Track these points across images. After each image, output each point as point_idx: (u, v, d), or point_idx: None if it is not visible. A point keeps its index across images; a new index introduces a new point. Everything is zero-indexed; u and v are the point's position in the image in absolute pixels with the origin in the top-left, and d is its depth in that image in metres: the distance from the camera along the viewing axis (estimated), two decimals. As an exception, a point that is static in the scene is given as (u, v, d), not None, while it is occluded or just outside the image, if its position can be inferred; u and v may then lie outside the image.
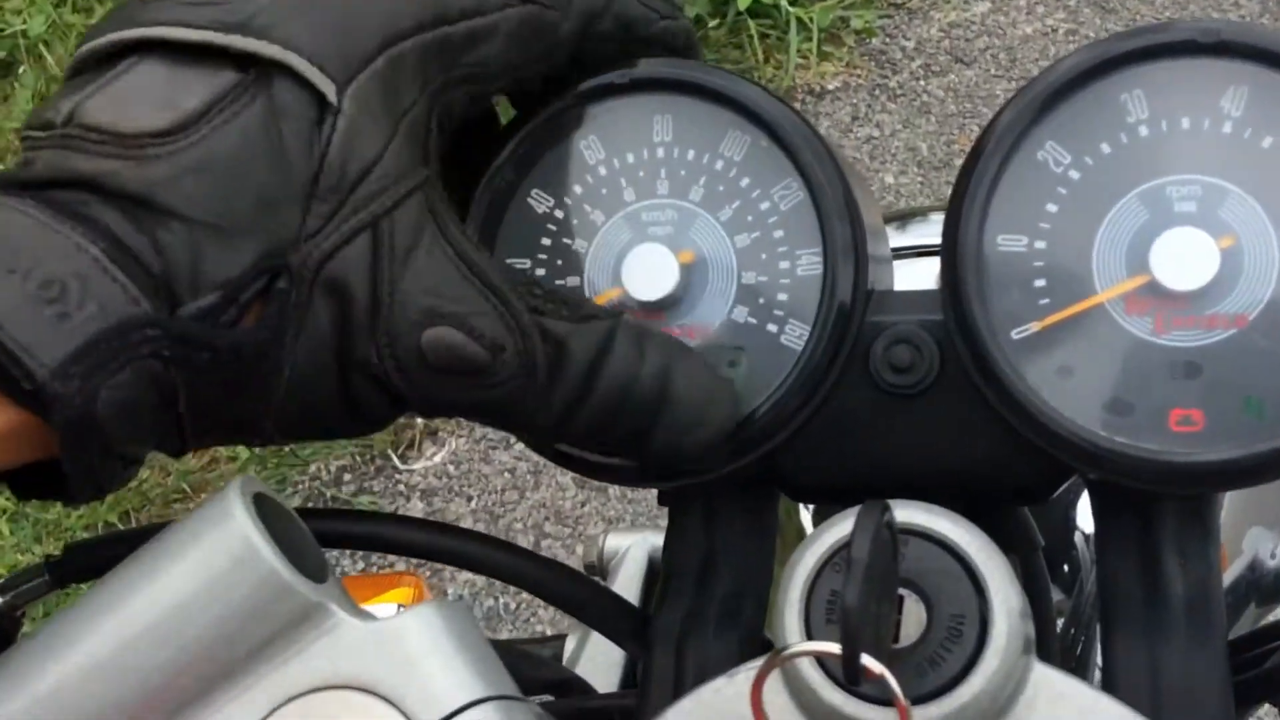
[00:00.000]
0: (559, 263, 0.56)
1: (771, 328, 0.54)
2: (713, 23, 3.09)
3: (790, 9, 3.08)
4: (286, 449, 2.53)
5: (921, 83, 3.14)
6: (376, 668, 0.45)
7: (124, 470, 0.45)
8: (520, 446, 2.40)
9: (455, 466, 2.57)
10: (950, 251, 0.51)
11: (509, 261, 0.57)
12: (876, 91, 3.12)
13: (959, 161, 2.90)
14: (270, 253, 0.43)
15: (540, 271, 0.56)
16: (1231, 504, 0.94)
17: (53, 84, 2.89)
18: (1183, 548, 0.53)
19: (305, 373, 0.46)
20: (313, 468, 2.55)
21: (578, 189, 0.56)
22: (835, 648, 0.39)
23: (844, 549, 0.48)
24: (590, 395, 0.48)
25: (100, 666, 0.45)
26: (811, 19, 3.10)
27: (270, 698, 0.45)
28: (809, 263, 0.53)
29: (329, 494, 2.49)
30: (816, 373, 0.52)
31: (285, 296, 0.44)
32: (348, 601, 0.47)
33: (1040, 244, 0.51)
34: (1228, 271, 0.48)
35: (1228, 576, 0.88)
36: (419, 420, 2.63)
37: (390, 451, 2.60)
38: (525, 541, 2.39)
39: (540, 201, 0.56)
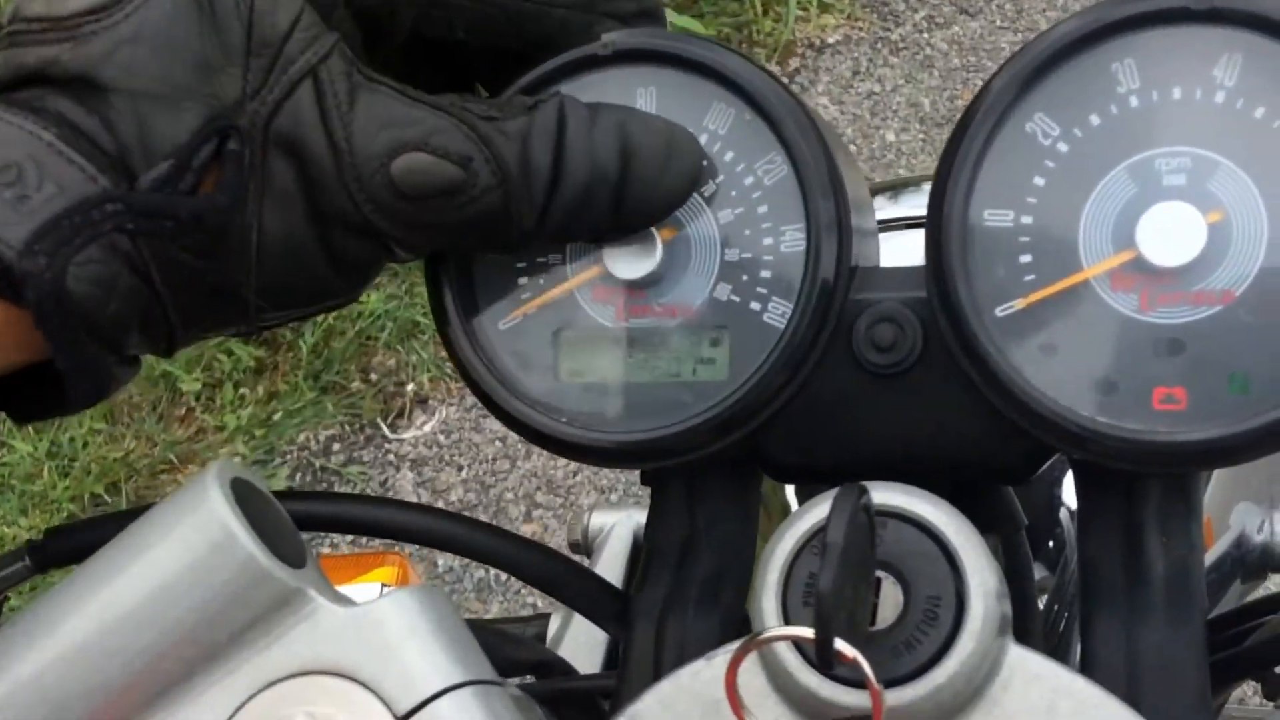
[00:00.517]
0: (539, 239, 0.57)
1: (755, 305, 0.55)
2: (709, -25, 3.08)
3: (789, -40, 3.06)
4: (264, 428, 2.54)
5: (925, 35, 3.13)
6: (354, 653, 0.46)
7: (120, 369, 0.47)
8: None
9: (446, 435, 2.58)
10: (935, 227, 0.51)
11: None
12: (878, 45, 3.11)
13: (962, 119, 2.88)
14: (215, 115, 0.45)
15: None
16: (1219, 479, 0.95)
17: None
18: (1165, 526, 0.54)
19: (277, 234, 0.48)
20: (301, 437, 2.56)
21: None
22: (809, 632, 0.40)
23: (822, 532, 0.49)
24: (562, 178, 0.49)
25: (82, 650, 0.46)
26: (811, -30, 3.09)
27: (250, 682, 0.47)
28: (792, 239, 0.54)
29: (318, 464, 2.51)
30: (799, 352, 0.53)
31: (239, 158, 0.46)
32: (326, 586, 0.48)
33: (1026, 219, 0.52)
34: (1215, 246, 0.49)
35: (1214, 552, 0.89)
36: (408, 387, 2.64)
37: (380, 420, 2.61)
38: (517, 511, 2.41)
39: None
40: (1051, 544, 0.88)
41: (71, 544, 0.57)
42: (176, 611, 0.46)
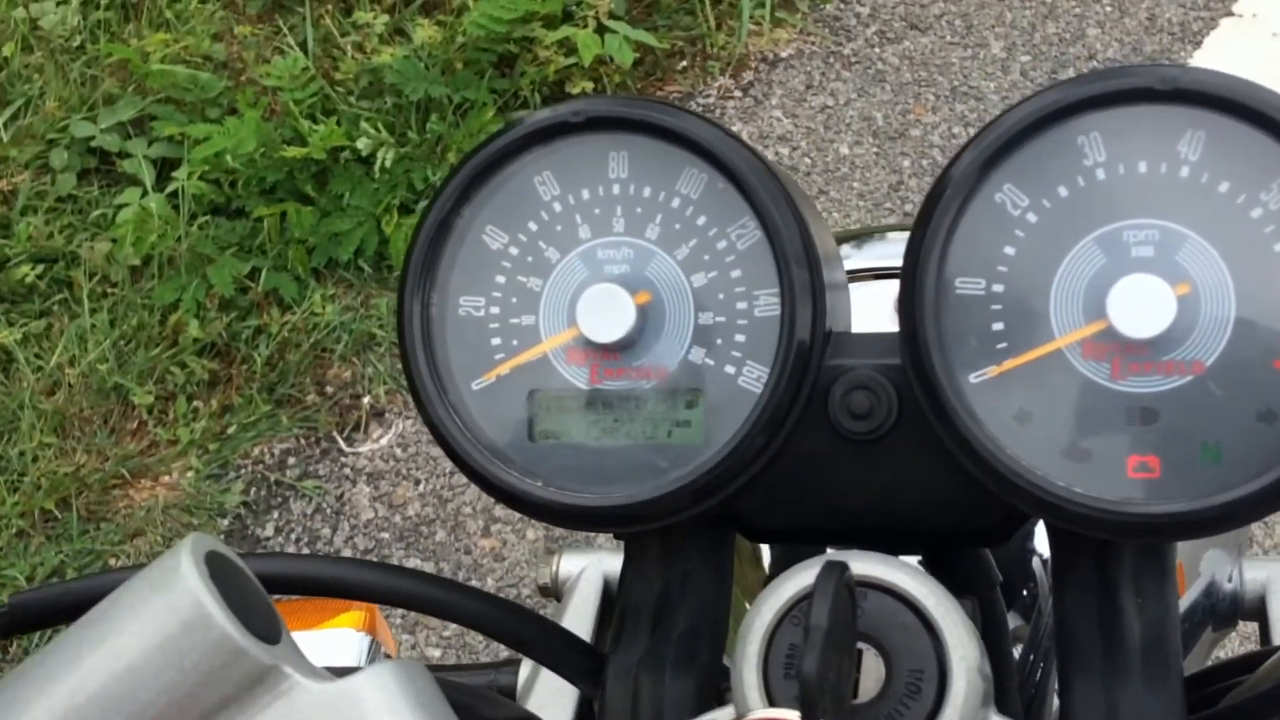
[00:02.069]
0: (513, 300, 0.56)
1: (729, 369, 0.54)
2: (664, -12, 3.08)
3: (743, -26, 3.07)
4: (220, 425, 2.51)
5: (876, 50, 3.15)
6: (332, 732, 0.45)
7: None
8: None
9: (403, 449, 2.56)
10: (908, 296, 0.51)
11: (462, 299, 0.57)
12: (831, 59, 3.13)
13: (915, 131, 2.92)
14: None
15: (494, 309, 0.56)
16: None
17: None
18: (1139, 587, 0.54)
19: None
20: (256, 451, 2.53)
21: (532, 226, 0.56)
22: (794, 715, 0.40)
23: (802, 601, 0.48)
24: None
25: None
26: (765, -16, 3.09)
27: (224, 762, 0.46)
28: (767, 303, 0.54)
29: (273, 478, 2.48)
30: (776, 416, 0.53)
31: None
32: (302, 661, 0.47)
33: (998, 287, 0.52)
34: (1184, 318, 0.49)
35: (1185, 600, 0.90)
36: (364, 400, 2.62)
37: (336, 434, 2.59)
38: (475, 526, 2.39)
39: (494, 238, 0.57)
40: (1025, 593, 0.88)
41: (36, 605, 0.56)
42: (149, 692, 0.45)
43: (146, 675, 0.45)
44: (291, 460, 2.53)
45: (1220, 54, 3.03)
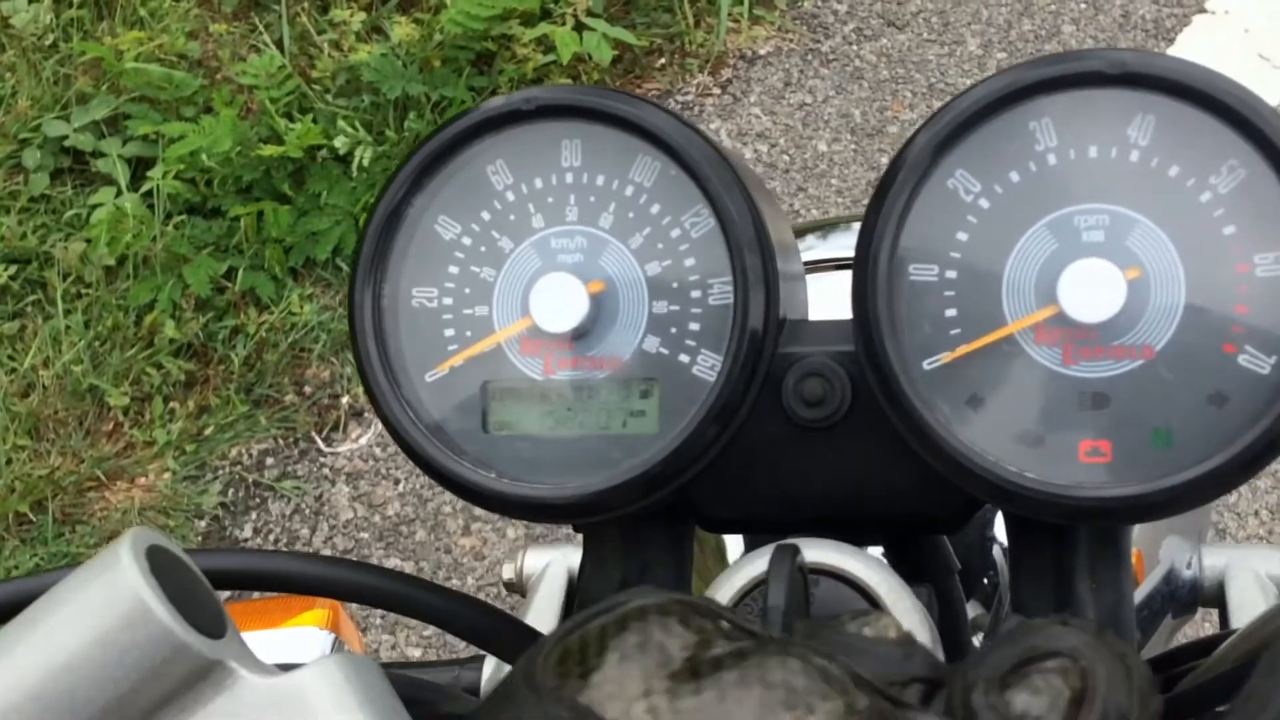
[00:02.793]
0: (466, 291, 0.56)
1: (684, 358, 0.54)
2: (642, -15, 3.07)
3: (721, -29, 3.06)
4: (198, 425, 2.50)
5: (854, 47, 3.15)
6: (277, 725, 0.45)
7: None
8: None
9: (382, 449, 2.55)
10: (861, 283, 0.51)
11: (415, 291, 0.56)
12: (809, 56, 3.13)
13: (892, 128, 2.92)
14: None
15: (447, 300, 0.56)
16: None
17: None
18: (1095, 573, 0.54)
19: None
20: (234, 452, 2.52)
21: (485, 215, 0.56)
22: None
23: (757, 588, 0.48)
24: None
25: None
26: (742, -19, 3.09)
27: (167, 759, 0.45)
28: (720, 291, 0.54)
29: (251, 479, 2.47)
30: (729, 404, 0.52)
31: None
32: (247, 656, 0.47)
33: (951, 273, 0.51)
34: (1134, 303, 0.49)
35: (1144, 588, 0.89)
36: (343, 399, 2.61)
37: (314, 434, 2.58)
38: (455, 525, 2.39)
39: (447, 228, 0.56)
40: (986, 581, 0.88)
41: None
42: (87, 691, 0.44)
43: (85, 672, 0.44)
44: (270, 461, 2.52)
45: (1193, 50, 3.03)
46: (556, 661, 0.31)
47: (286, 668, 0.47)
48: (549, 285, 0.54)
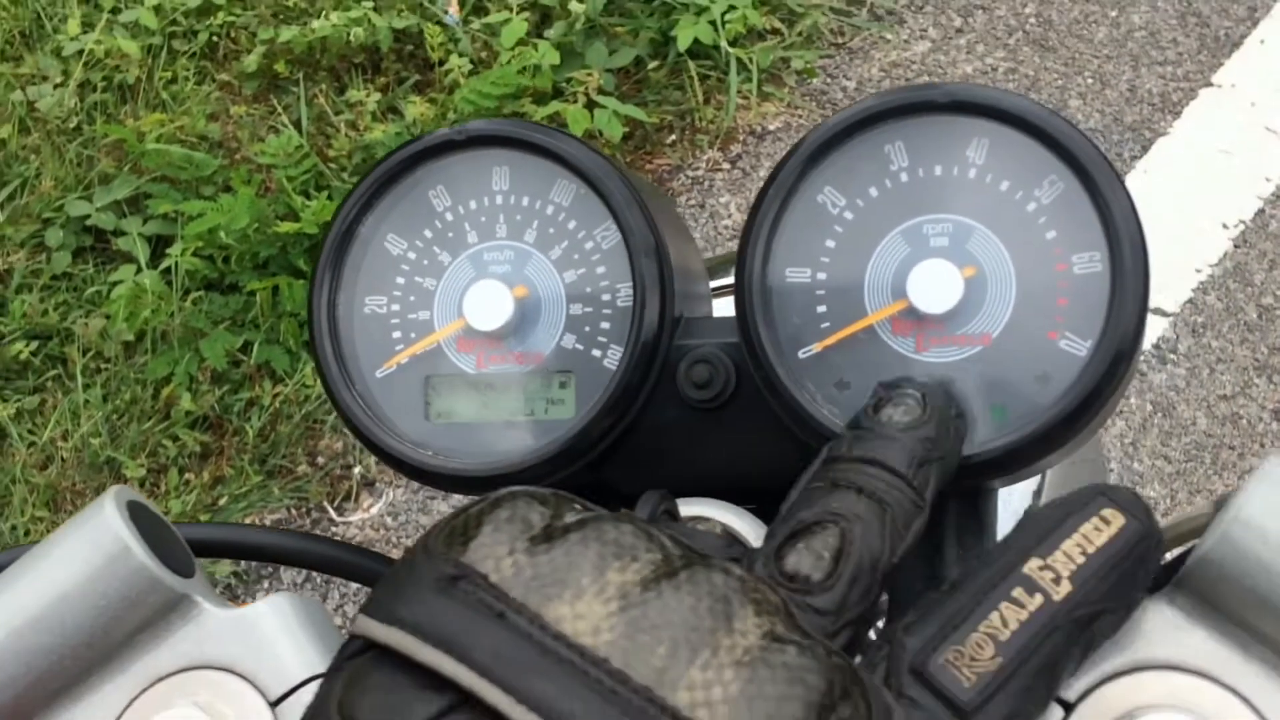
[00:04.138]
0: (411, 299, 0.67)
1: (596, 353, 0.64)
2: (653, 64, 3.22)
3: (730, 50, 3.21)
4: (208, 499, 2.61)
5: (864, 122, 3.27)
6: (234, 649, 0.55)
7: None
8: (457, 499, 2.49)
9: (393, 518, 2.65)
10: (739, 283, 0.61)
11: (368, 299, 0.67)
12: (818, 132, 3.25)
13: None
14: None
15: (395, 307, 0.67)
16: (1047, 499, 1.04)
17: (-21, 135, 2.99)
18: (961, 539, 0.63)
19: None
20: (247, 521, 2.63)
21: (427, 233, 0.67)
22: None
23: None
24: None
25: None
26: (752, 59, 3.23)
27: (142, 678, 0.55)
28: (625, 295, 0.64)
29: (262, 547, 2.56)
30: (629, 390, 0.62)
31: None
32: (211, 592, 0.57)
33: (821, 275, 0.62)
34: (973, 296, 0.59)
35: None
36: (355, 470, 2.72)
37: (326, 504, 2.68)
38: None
39: (395, 245, 0.67)
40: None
41: None
42: (77, 615, 0.54)
43: (75, 601, 0.54)
44: (281, 530, 2.62)
45: (1200, 124, 3.15)
46: (444, 536, 0.41)
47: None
48: (480, 291, 0.64)
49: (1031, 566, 0.43)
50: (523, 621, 0.37)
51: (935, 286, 0.59)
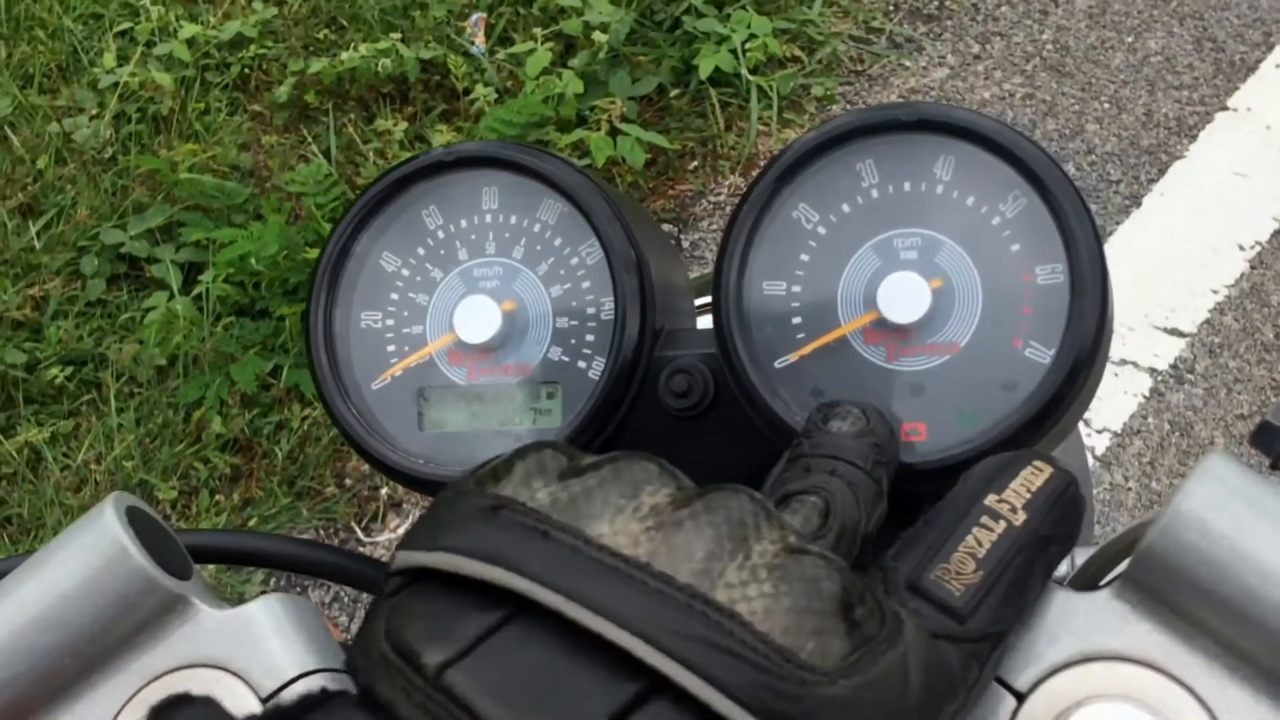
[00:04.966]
0: (405, 314, 0.68)
1: (581, 364, 0.66)
2: (675, 92, 3.24)
3: (751, 77, 3.23)
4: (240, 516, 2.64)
5: (883, 148, 3.28)
6: (228, 648, 0.56)
7: None
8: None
9: (417, 538, 2.67)
10: (716, 296, 0.63)
11: (363, 314, 0.69)
12: (838, 157, 3.26)
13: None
14: None
15: (390, 321, 0.69)
16: None
17: (18, 165, 3.04)
18: None
19: None
20: (274, 542, 2.65)
21: (420, 250, 0.69)
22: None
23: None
24: None
25: None
26: (772, 87, 3.25)
27: (140, 677, 0.57)
28: (609, 309, 0.66)
29: (290, 567, 2.59)
30: (611, 400, 0.64)
31: None
32: (207, 594, 0.59)
33: (796, 288, 0.63)
34: (941, 307, 0.61)
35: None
36: (382, 491, 2.74)
37: (354, 524, 2.70)
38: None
39: (390, 262, 0.69)
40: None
41: None
42: (77, 615, 0.56)
43: (75, 602, 0.56)
44: (308, 550, 2.64)
45: (1216, 147, 3.14)
46: (475, 478, 0.44)
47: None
48: (470, 306, 0.66)
49: (990, 500, 0.48)
50: (567, 538, 0.40)
51: (904, 298, 0.60)
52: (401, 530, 2.69)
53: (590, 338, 0.66)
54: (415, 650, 0.40)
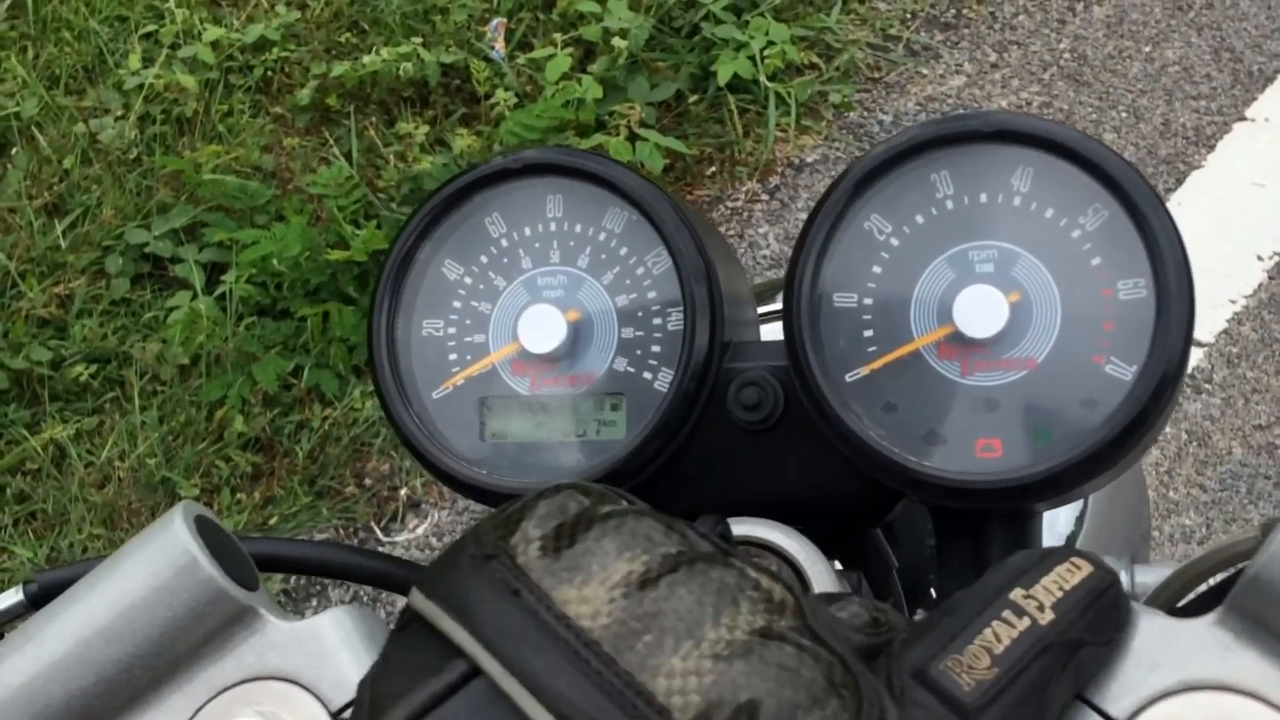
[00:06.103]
0: (467, 322, 0.67)
1: (647, 375, 0.65)
2: (693, 98, 3.23)
3: (769, 84, 3.21)
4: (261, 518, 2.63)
5: (900, 155, 3.26)
6: (296, 660, 0.55)
7: None
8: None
9: (438, 538, 2.66)
10: (788, 307, 0.62)
11: (425, 322, 0.67)
12: (855, 164, 3.25)
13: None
14: None
15: (451, 330, 0.67)
16: (1087, 532, 1.03)
17: (44, 165, 3.03)
18: None
19: None
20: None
21: (483, 259, 0.67)
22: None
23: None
24: None
25: (63, 662, 0.55)
26: (790, 93, 3.24)
27: (208, 688, 0.55)
28: (676, 319, 0.64)
29: (311, 566, 2.58)
30: (679, 412, 0.63)
31: None
32: (274, 605, 0.58)
33: (868, 300, 0.62)
34: (1018, 322, 0.59)
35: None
36: (401, 491, 2.73)
37: (374, 524, 2.69)
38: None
39: (452, 270, 0.68)
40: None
41: (60, 581, 0.66)
42: (146, 626, 0.55)
43: (144, 611, 0.55)
44: (329, 550, 2.63)
45: (1234, 157, 3.12)
46: (495, 522, 0.43)
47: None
48: (534, 315, 0.65)
49: (1017, 594, 0.45)
50: (532, 600, 0.39)
51: (981, 311, 0.59)
52: (420, 531, 2.68)
53: (656, 348, 0.65)
54: (381, 706, 0.40)
